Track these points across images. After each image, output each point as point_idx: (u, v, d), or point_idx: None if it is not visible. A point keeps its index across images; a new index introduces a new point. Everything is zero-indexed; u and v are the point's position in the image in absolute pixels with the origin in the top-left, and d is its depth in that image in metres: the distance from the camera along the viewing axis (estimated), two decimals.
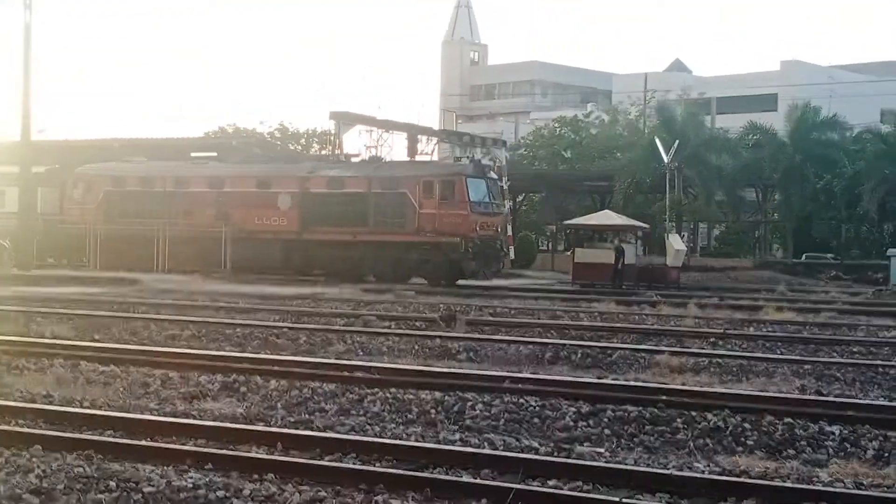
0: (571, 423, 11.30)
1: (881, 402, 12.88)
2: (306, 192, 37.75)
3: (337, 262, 37.16)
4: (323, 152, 55.62)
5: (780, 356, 17.13)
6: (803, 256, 51.90)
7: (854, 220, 51.91)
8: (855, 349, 18.27)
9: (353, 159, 42.56)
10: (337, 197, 37.21)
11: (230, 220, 38.32)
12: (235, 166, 41.29)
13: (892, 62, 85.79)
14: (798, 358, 16.79)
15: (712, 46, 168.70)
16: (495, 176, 39.00)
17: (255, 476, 8.64)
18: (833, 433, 10.62)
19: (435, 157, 45.27)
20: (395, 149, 46.11)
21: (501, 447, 10.16)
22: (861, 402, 12.67)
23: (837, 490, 8.55)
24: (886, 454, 10.05)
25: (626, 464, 9.49)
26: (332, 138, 47.61)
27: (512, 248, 41.00)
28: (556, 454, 9.83)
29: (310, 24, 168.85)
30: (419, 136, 46.77)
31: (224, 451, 9.45)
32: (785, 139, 51.58)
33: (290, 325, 20.64)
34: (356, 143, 46.60)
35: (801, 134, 50.84)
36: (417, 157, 42.72)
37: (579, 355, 16.74)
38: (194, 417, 11.25)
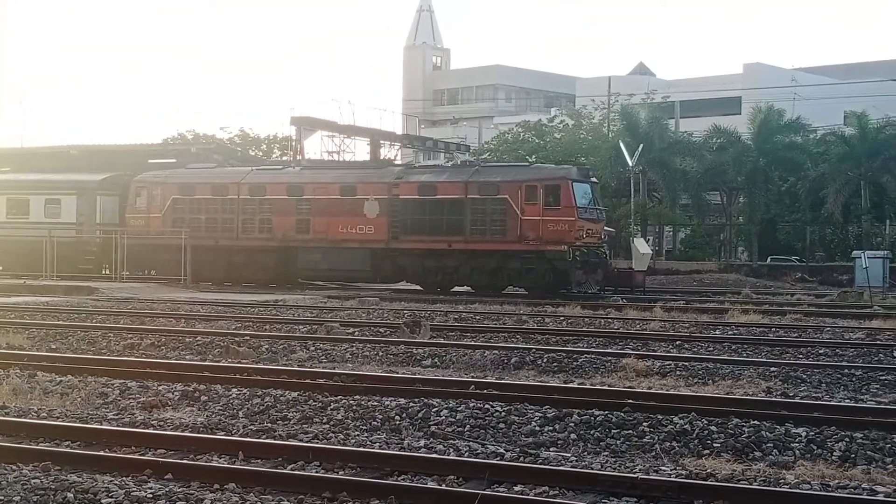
0: (537, 428, 11.22)
1: (847, 403, 12.88)
2: (395, 198, 35.66)
3: (429, 272, 35.45)
4: (284, 158, 55.38)
5: (747, 358, 17.14)
6: (768, 259, 52.23)
7: (818, 223, 52.25)
8: (821, 351, 18.30)
9: (310, 164, 41.95)
10: (430, 204, 35.17)
11: (312, 230, 36.67)
12: (317, 171, 38.99)
13: (855, 64, 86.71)
14: (764, 360, 16.80)
15: (675, 50, 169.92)
16: (596, 180, 37.20)
17: (216, 486, 8.55)
18: (799, 435, 10.59)
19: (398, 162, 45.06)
20: (357, 154, 46.05)
21: (467, 453, 10.06)
22: (827, 403, 12.67)
23: (804, 492, 8.51)
24: (853, 455, 10.03)
25: (593, 468, 9.43)
26: (293, 144, 47.39)
27: None
28: (521, 459, 9.76)
29: (272, 29, 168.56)
30: (382, 142, 46.70)
31: (184, 461, 9.36)
32: (749, 142, 51.89)
33: (253, 332, 20.45)
34: (318, 149, 46.51)
35: (765, 137, 51.15)
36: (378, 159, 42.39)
37: (545, 360, 16.68)
38: (154, 427, 11.10)
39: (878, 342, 19.85)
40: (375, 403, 12.32)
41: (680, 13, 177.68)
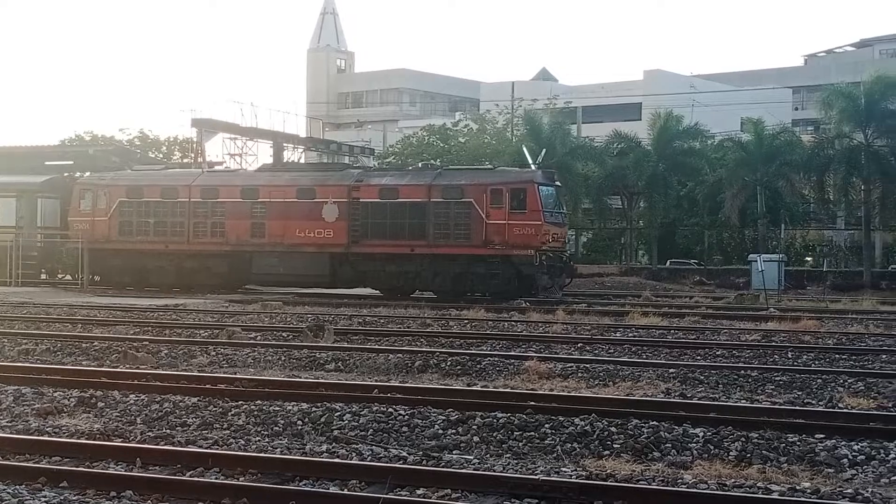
0: (440, 431, 11.23)
1: (743, 403, 13.12)
2: (355, 201, 34.82)
3: (390, 277, 34.80)
4: (185, 160, 54.69)
5: (646, 360, 17.38)
6: (668, 262, 53.12)
7: (716, 227, 53.27)
8: (718, 352, 18.64)
9: (217, 167, 41.47)
10: (391, 207, 34.38)
11: (267, 233, 35.73)
12: (273, 174, 37.91)
13: (751, 72, 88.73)
14: (663, 362, 17.05)
15: (578, 56, 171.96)
16: (559, 183, 36.88)
17: (113, 493, 8.44)
18: (697, 435, 10.76)
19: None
20: (259, 157, 45.63)
21: (369, 457, 10.03)
22: (724, 403, 12.90)
23: (701, 491, 8.66)
24: (748, 455, 10.22)
25: (495, 470, 9.48)
26: (194, 146, 46.81)
27: None
28: (424, 462, 9.76)
29: (173, 28, 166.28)
30: (285, 144, 46.39)
31: (80, 469, 9.22)
32: (649, 147, 52.66)
33: (152, 337, 20.12)
34: (219, 151, 46.00)
35: (664, 142, 51.96)
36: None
37: (449, 363, 16.71)
38: (49, 434, 10.87)
39: (774, 344, 20.30)
40: (277, 408, 12.20)
41: (582, 19, 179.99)
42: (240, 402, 12.54)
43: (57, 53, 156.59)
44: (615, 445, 10.59)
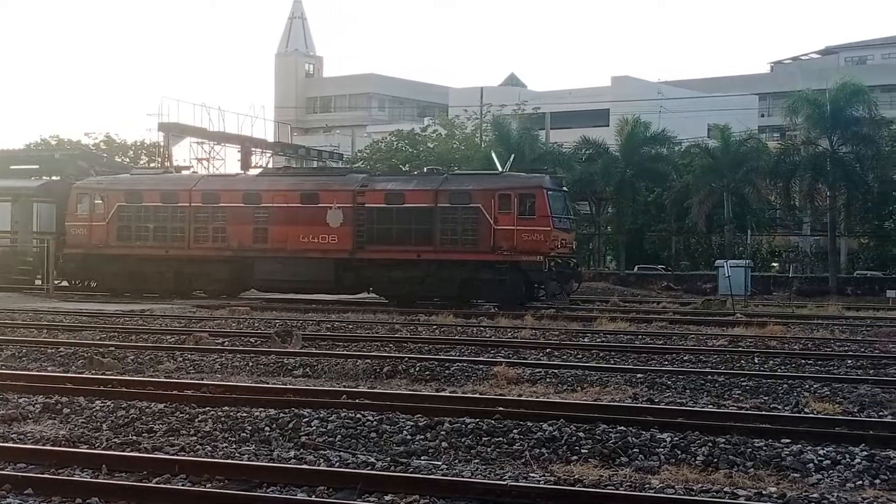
0: (409, 437, 11.21)
1: (710, 408, 13.18)
2: (360, 206, 34.25)
3: (395, 283, 34.26)
4: (152, 165, 54.42)
5: (614, 365, 17.43)
6: (636, 268, 53.36)
7: (683, 232, 53.56)
8: (685, 357, 18.73)
9: (184, 171, 41.22)
10: (397, 212, 33.89)
11: (270, 239, 35.14)
12: (276, 178, 37.28)
13: (718, 78, 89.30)
14: (631, 367, 17.11)
15: (546, 62, 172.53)
16: (566, 188, 36.46)
17: (79, 500, 8.39)
18: (664, 440, 10.79)
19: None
20: (227, 161, 45.46)
21: (337, 463, 10.00)
22: (691, 409, 12.94)
23: (668, 496, 8.69)
24: (715, 460, 10.26)
25: (463, 476, 9.47)
26: (161, 150, 46.59)
27: None
28: (392, 468, 9.74)
29: (139, 33, 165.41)
30: (253, 149, 46.26)
31: (45, 476, 9.13)
32: (617, 153, 52.90)
33: (118, 343, 19.99)
34: (186, 156, 45.79)
35: (632, 148, 52.22)
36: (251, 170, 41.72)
37: (417, 368, 16.69)
38: (14, 441, 10.77)
39: (740, 349, 20.41)
40: (245, 414, 12.15)
41: (550, 26, 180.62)
42: (207, 409, 12.47)
43: (22, 57, 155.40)
44: (583, 451, 10.61)
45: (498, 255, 32.80)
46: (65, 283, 38.77)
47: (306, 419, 11.85)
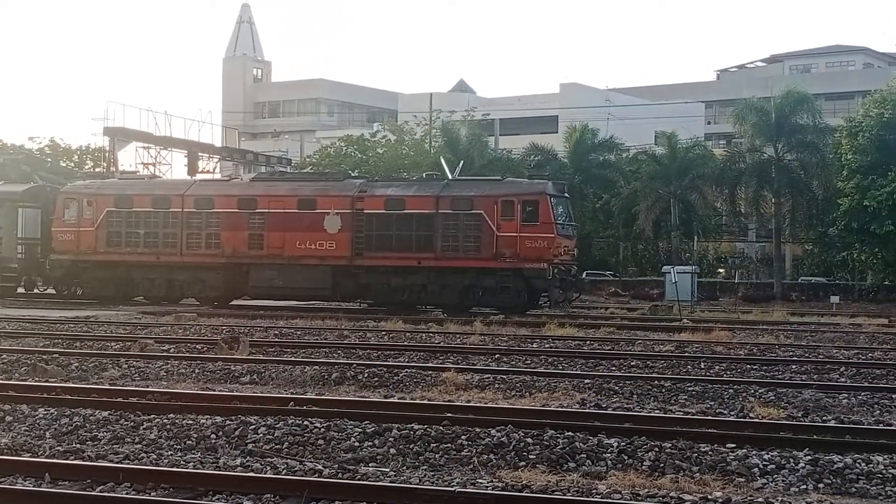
0: (357, 444, 11.16)
1: (657, 413, 13.26)
2: (359, 212, 33.73)
3: (395, 290, 33.74)
4: (97, 170, 53.87)
5: (562, 371, 17.48)
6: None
7: (631, 239, 53.92)
8: (632, 363, 18.83)
9: (129, 177, 40.79)
10: (397, 218, 33.38)
11: (266, 245, 34.56)
12: (271, 184, 36.57)
13: (665, 86, 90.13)
14: (579, 372, 17.17)
15: (495, 68, 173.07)
16: (568, 195, 36.09)
17: None
18: (612, 445, 10.84)
19: (217, 175, 44.26)
20: (174, 166, 45.12)
21: (284, 470, 9.93)
22: (638, 414, 13.02)
23: (616, 501, 8.73)
24: (662, 465, 10.32)
25: (411, 482, 9.44)
26: (106, 155, 46.15)
27: None
28: (340, 475, 9.69)
29: (85, 36, 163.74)
30: (200, 154, 45.97)
31: None
32: (565, 160, 53.15)
33: (62, 350, 19.72)
34: (132, 160, 45.41)
35: (580, 155, 52.52)
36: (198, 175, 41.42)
37: (366, 375, 16.64)
38: None
39: (687, 354, 20.57)
40: (190, 422, 12.03)
41: (499, 33, 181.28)
42: (152, 416, 12.35)
43: None
44: (531, 456, 10.62)
45: (501, 262, 32.53)
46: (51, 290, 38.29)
47: (253, 426, 11.77)
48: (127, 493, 8.86)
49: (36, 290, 39.36)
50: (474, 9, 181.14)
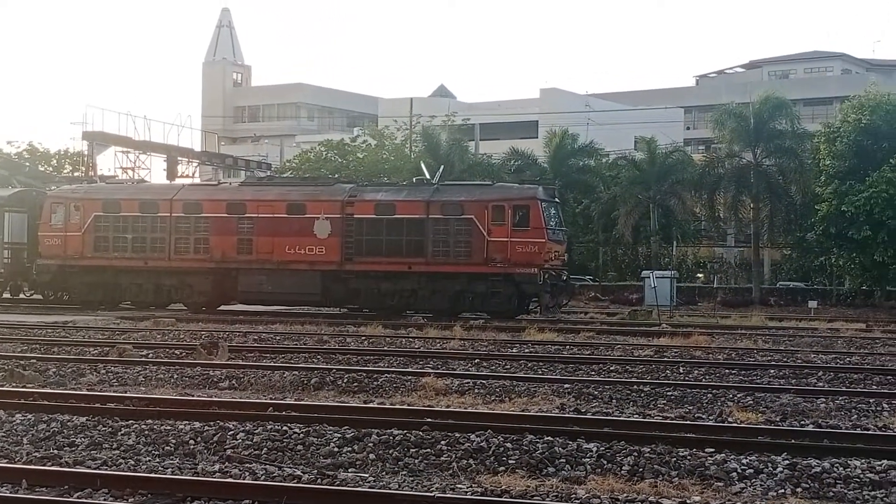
0: (336, 449, 11.15)
1: (636, 418, 13.29)
2: (349, 217, 33.71)
3: (385, 295, 33.66)
4: (76, 174, 53.63)
5: (542, 376, 17.50)
6: None
7: (610, 243, 54.03)
8: (612, 368, 18.86)
9: (111, 181, 40.63)
10: (387, 223, 33.38)
11: (255, 250, 34.43)
12: (261, 188, 36.62)
13: (644, 91, 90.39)
14: (558, 377, 17.20)
15: (476, 73, 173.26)
16: (559, 200, 36.09)
17: None
18: (591, 450, 10.85)
19: (196, 180, 44.11)
20: (153, 170, 44.97)
21: (263, 476, 9.90)
22: (617, 418, 13.04)
23: None
24: (641, 469, 10.34)
25: (391, 488, 9.43)
26: (85, 159, 45.97)
27: None
28: (319, 481, 9.67)
29: (64, 40, 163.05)
30: (179, 158, 45.84)
31: None
32: (545, 165, 53.20)
33: (40, 355, 19.62)
34: (111, 165, 45.26)
35: (560, 160, 52.59)
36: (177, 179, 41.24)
37: (346, 380, 16.62)
38: None
39: (666, 359, 20.61)
40: (169, 428, 11.99)
41: (480, 38, 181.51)
42: (130, 422, 12.30)
43: None
44: (510, 461, 10.63)
45: (491, 267, 32.47)
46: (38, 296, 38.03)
47: (232, 432, 11.73)
48: (105, 500, 8.84)
49: (22, 295, 39.09)
50: (455, 14, 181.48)
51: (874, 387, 16.79)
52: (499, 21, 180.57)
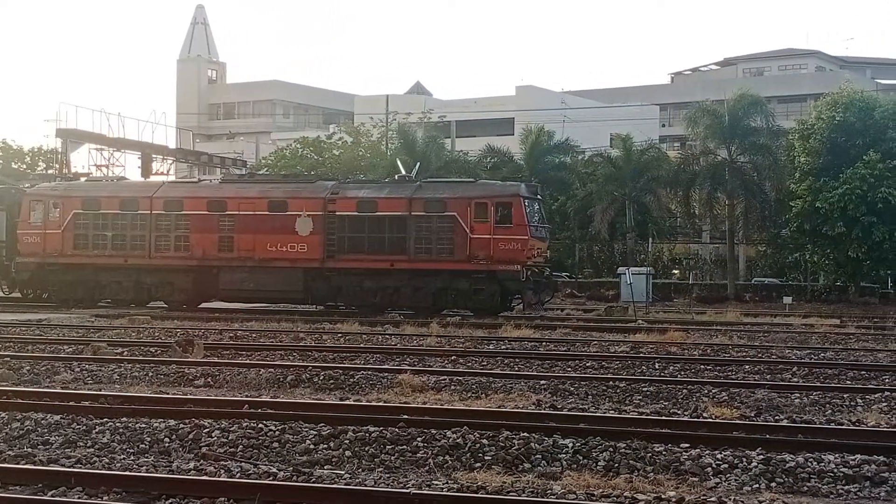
0: (312, 446, 11.13)
1: (611, 414, 13.33)
2: (331, 214, 33.49)
3: (367, 293, 33.51)
4: (49, 171, 53.29)
5: (518, 372, 17.53)
6: None
7: (587, 240, 54.12)
8: (588, 364, 18.91)
9: (82, 178, 40.37)
10: (370, 220, 33.27)
11: (236, 247, 34.13)
12: (242, 185, 36.34)
13: (620, 89, 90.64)
14: (535, 374, 17.22)
15: (451, 70, 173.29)
16: (541, 197, 35.79)
17: None
18: (567, 446, 10.88)
19: (172, 177, 43.91)
20: (127, 168, 44.75)
21: (238, 474, 9.87)
22: (593, 414, 13.08)
23: (570, 501, 8.76)
24: (616, 465, 10.38)
25: (367, 484, 9.43)
26: (59, 157, 45.70)
27: None
28: (295, 478, 9.65)
29: (37, 37, 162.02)
30: (154, 156, 45.64)
31: None
32: (521, 162, 53.23)
33: (13, 353, 19.49)
34: (86, 162, 45.01)
35: (536, 157, 52.61)
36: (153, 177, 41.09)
37: (321, 377, 16.59)
38: None
39: (642, 355, 20.69)
40: (143, 426, 11.94)
41: (455, 35, 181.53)
42: (105, 420, 12.25)
43: None
44: (486, 457, 10.64)
45: (474, 264, 32.45)
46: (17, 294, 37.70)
47: (207, 430, 11.69)
48: (79, 498, 8.80)
49: (0, 294, 38.79)
50: (430, 11, 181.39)
51: (848, 382, 16.88)
52: (475, 18, 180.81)
